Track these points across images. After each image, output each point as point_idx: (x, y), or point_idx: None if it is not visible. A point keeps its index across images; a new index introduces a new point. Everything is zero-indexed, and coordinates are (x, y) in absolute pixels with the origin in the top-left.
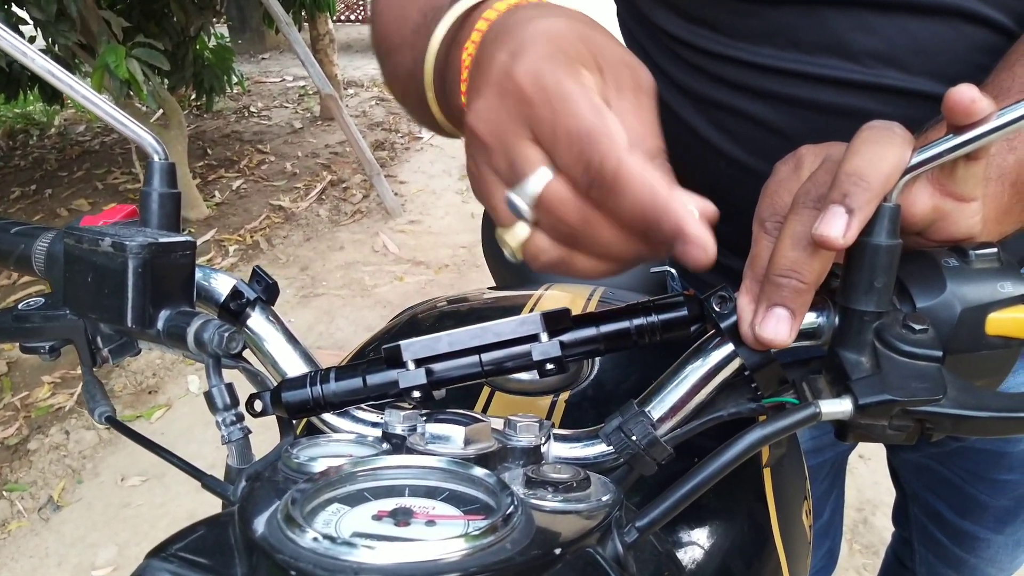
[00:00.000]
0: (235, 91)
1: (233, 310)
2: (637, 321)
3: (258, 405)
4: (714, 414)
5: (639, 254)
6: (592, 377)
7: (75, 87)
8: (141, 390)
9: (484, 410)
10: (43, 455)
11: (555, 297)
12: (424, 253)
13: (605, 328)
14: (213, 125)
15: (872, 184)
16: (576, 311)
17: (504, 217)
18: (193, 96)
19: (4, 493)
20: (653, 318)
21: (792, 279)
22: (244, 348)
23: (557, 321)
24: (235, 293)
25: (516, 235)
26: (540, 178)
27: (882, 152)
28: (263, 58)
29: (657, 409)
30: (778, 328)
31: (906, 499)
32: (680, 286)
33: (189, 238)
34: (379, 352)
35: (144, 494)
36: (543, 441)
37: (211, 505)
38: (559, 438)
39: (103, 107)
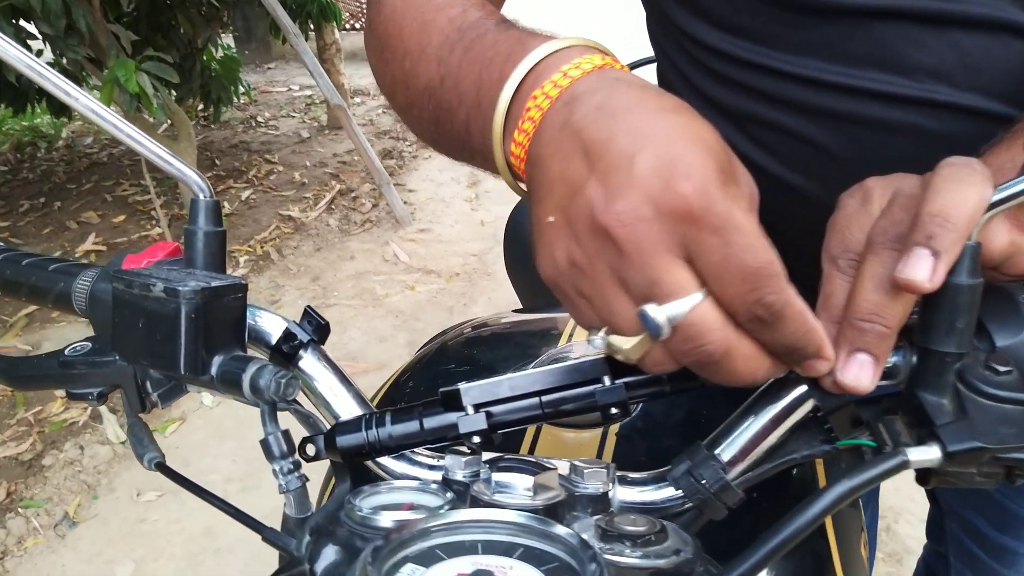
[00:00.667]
0: (242, 101)
1: (286, 353)
2: None
3: (311, 449)
4: (786, 457)
5: (766, 375)
6: (641, 409)
7: (117, 124)
8: None
9: (533, 443)
10: (58, 471)
11: None
12: (435, 262)
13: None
14: (221, 136)
15: (958, 225)
16: None
17: (628, 326)
18: (201, 107)
19: (20, 510)
20: None
21: (876, 324)
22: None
23: (620, 364)
24: (287, 335)
25: (638, 347)
26: (689, 301)
27: (965, 192)
28: (269, 68)
29: (727, 452)
30: (861, 374)
31: (942, 513)
32: None
33: (241, 280)
34: (415, 383)
35: (160, 509)
36: (611, 488)
37: (229, 521)
38: (624, 481)
39: (145, 144)
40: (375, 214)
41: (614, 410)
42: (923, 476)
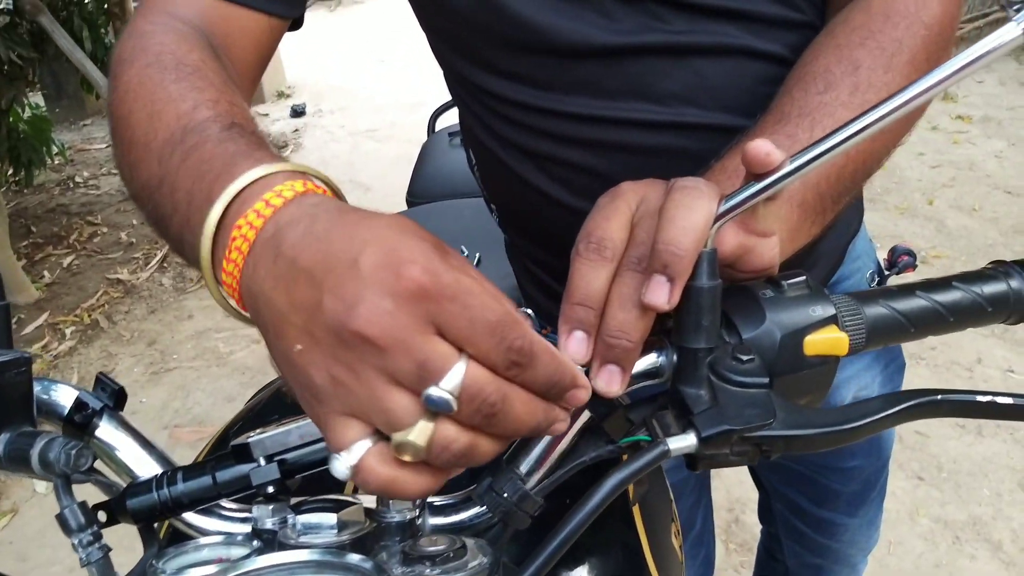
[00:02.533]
0: (56, 162)
1: (79, 423)
2: None
3: (102, 516)
4: (577, 460)
5: (544, 419)
6: None
7: None
8: None
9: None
10: None
11: None
12: None
13: None
14: (36, 200)
15: (687, 252)
16: None
17: (405, 418)
18: (11, 172)
19: None
20: None
21: (621, 339)
22: (95, 460)
23: None
24: (79, 405)
25: (422, 432)
26: (460, 367)
27: (693, 218)
28: (85, 124)
29: (524, 464)
30: (611, 381)
31: (768, 496)
32: (538, 326)
33: (24, 353)
34: (242, 435)
35: None
36: (418, 513)
37: None
38: (433, 508)
39: None
40: None
41: None
42: (690, 462)
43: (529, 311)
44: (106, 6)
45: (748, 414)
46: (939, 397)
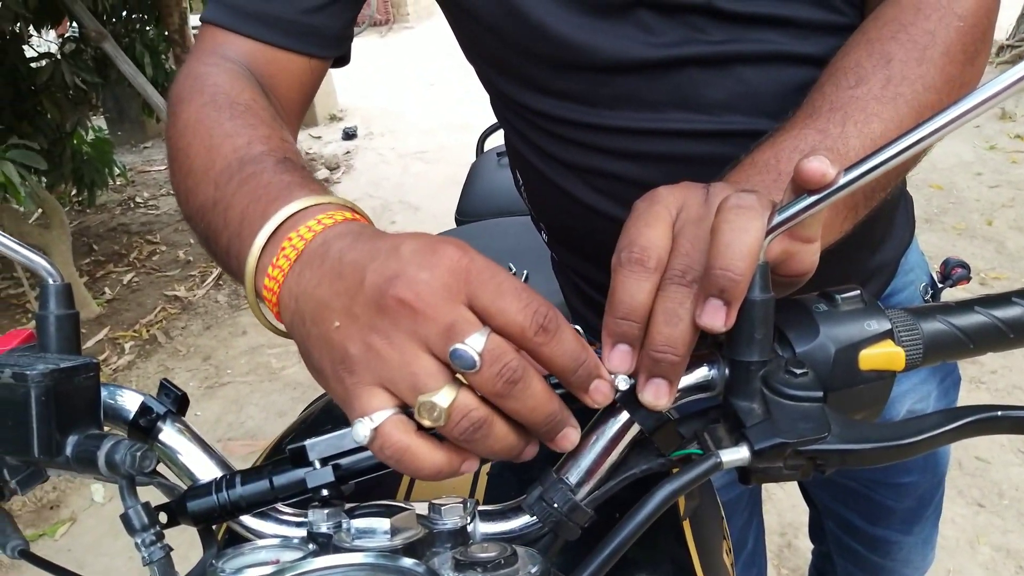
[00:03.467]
0: (118, 183)
1: (143, 427)
2: None
3: (163, 517)
4: (627, 472)
5: (561, 409)
6: None
7: None
8: (42, 506)
9: (408, 491)
10: None
11: None
12: None
13: None
14: (98, 219)
15: (744, 276)
16: None
17: (430, 382)
18: (74, 192)
19: None
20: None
21: (667, 354)
22: (158, 463)
23: None
24: (143, 409)
25: (446, 396)
26: (485, 331)
27: (748, 240)
28: (146, 147)
29: (574, 474)
30: (658, 395)
31: (819, 515)
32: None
33: (92, 359)
34: (302, 437)
35: None
36: (469, 521)
37: None
38: (484, 515)
39: None
40: None
41: None
42: (742, 475)
43: (578, 327)
44: (167, 33)
45: (802, 427)
46: (999, 413)
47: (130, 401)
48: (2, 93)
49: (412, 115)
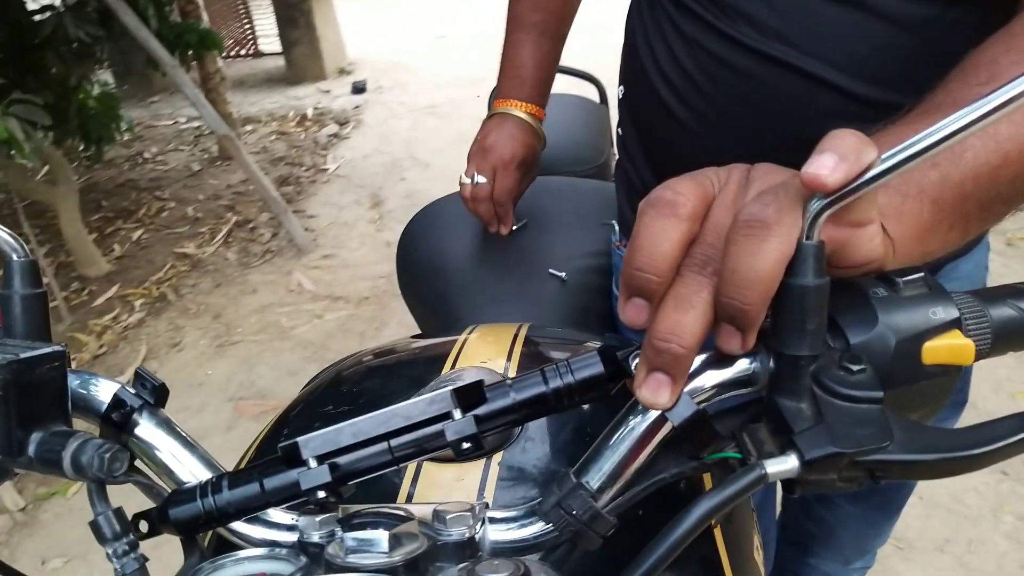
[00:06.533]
0: (125, 138)
1: (117, 421)
2: (553, 384)
3: (144, 525)
4: (656, 477)
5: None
6: (525, 433)
7: None
8: None
9: (413, 482)
10: None
11: (480, 339)
12: (342, 287)
13: (521, 396)
14: (106, 175)
15: (754, 304)
16: (502, 349)
17: None
18: (82, 147)
19: None
20: (570, 379)
21: (672, 344)
22: (134, 460)
23: (470, 395)
24: (116, 402)
25: None
26: None
27: (756, 266)
28: (153, 101)
29: (595, 479)
30: (658, 393)
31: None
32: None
33: (59, 347)
34: (291, 432)
35: None
36: (478, 529)
37: None
38: (495, 521)
39: None
40: (275, 244)
41: (466, 445)
42: (788, 486)
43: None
44: None
45: (860, 434)
46: None
47: (105, 391)
48: (5, 47)
49: (423, 68)
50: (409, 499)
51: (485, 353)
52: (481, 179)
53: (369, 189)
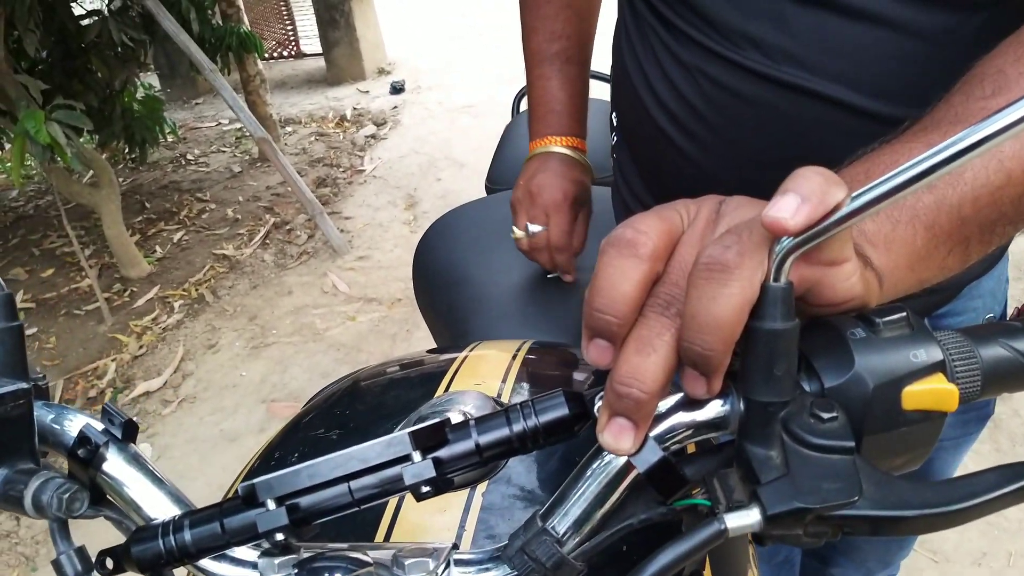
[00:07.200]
0: (169, 140)
1: (82, 458)
2: (517, 427)
3: (109, 563)
4: (624, 523)
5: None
6: (512, 462)
7: None
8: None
9: (395, 513)
10: None
11: (479, 358)
12: (375, 289)
13: (483, 439)
14: (150, 177)
15: (715, 349)
16: (499, 369)
17: None
18: (126, 150)
19: None
20: (534, 421)
21: (633, 388)
22: (105, 495)
23: (429, 437)
24: (82, 438)
25: None
26: None
27: (715, 311)
28: (197, 103)
29: (561, 523)
30: (620, 438)
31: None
32: None
33: (23, 385)
34: (282, 455)
35: None
36: (442, 571)
37: None
38: (461, 563)
39: None
40: (311, 245)
41: (425, 489)
42: (756, 539)
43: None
44: None
45: (827, 489)
46: None
47: (75, 426)
48: (52, 52)
49: (461, 67)
50: (390, 529)
51: (481, 374)
52: (536, 228)
53: (404, 190)
